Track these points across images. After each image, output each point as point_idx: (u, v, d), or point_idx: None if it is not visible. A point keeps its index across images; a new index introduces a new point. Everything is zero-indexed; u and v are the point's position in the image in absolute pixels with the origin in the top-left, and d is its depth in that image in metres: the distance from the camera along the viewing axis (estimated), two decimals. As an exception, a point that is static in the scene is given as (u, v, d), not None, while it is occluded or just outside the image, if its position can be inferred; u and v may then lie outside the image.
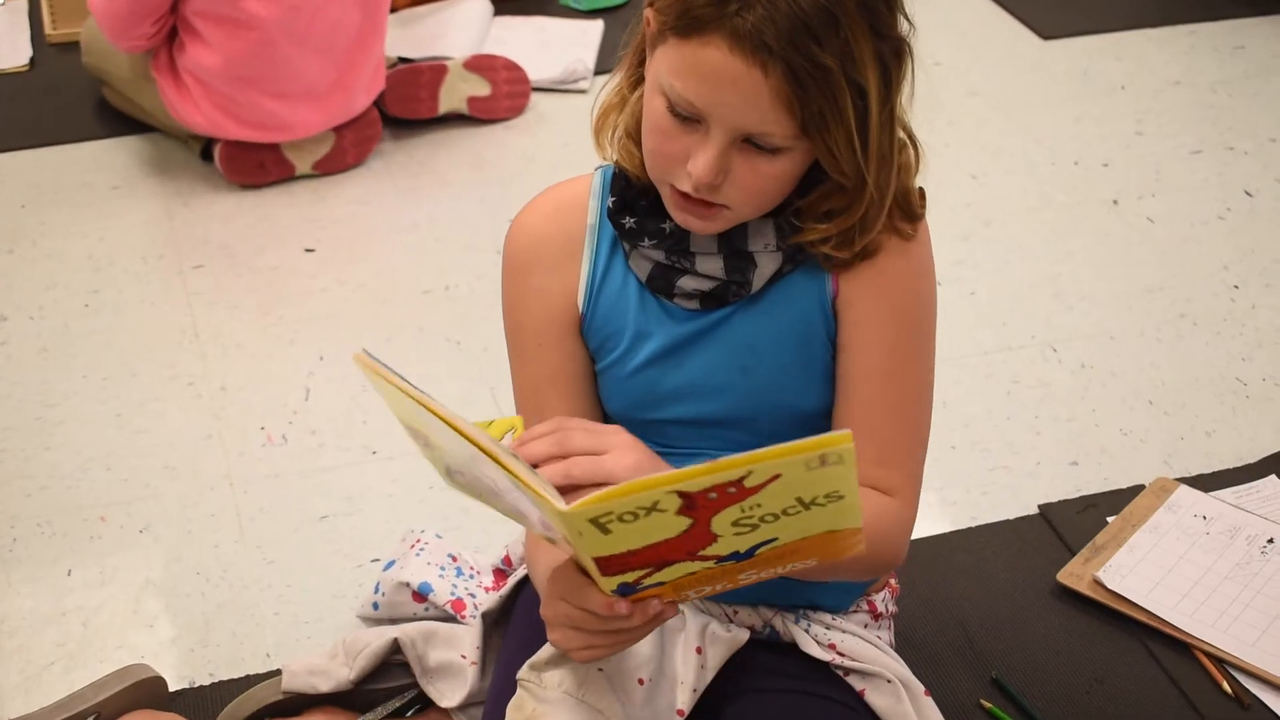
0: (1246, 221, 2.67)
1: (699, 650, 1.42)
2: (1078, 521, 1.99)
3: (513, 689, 1.38)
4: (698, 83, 1.21)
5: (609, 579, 1.17)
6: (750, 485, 1.06)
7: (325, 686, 1.66)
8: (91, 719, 1.64)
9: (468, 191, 2.74)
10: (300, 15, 2.59)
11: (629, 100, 1.35)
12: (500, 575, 1.78)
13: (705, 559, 1.14)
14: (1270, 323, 2.42)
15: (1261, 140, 2.91)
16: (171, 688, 1.74)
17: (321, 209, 2.69)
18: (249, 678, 1.77)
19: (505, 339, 1.44)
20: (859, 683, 1.48)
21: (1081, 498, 2.05)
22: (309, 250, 2.58)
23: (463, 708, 1.62)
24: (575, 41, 3.17)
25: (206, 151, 2.75)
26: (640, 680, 1.38)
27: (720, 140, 1.23)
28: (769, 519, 1.10)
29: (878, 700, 1.46)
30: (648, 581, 1.17)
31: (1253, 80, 3.12)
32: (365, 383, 1.69)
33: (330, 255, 2.57)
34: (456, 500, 1.41)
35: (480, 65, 2.90)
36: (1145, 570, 1.89)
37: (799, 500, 1.08)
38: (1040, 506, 2.03)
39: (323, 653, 1.69)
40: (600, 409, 1.44)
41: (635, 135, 1.33)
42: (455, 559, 1.81)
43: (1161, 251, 2.59)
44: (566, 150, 2.84)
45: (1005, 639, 1.83)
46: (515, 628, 1.56)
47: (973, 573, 1.93)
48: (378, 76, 2.78)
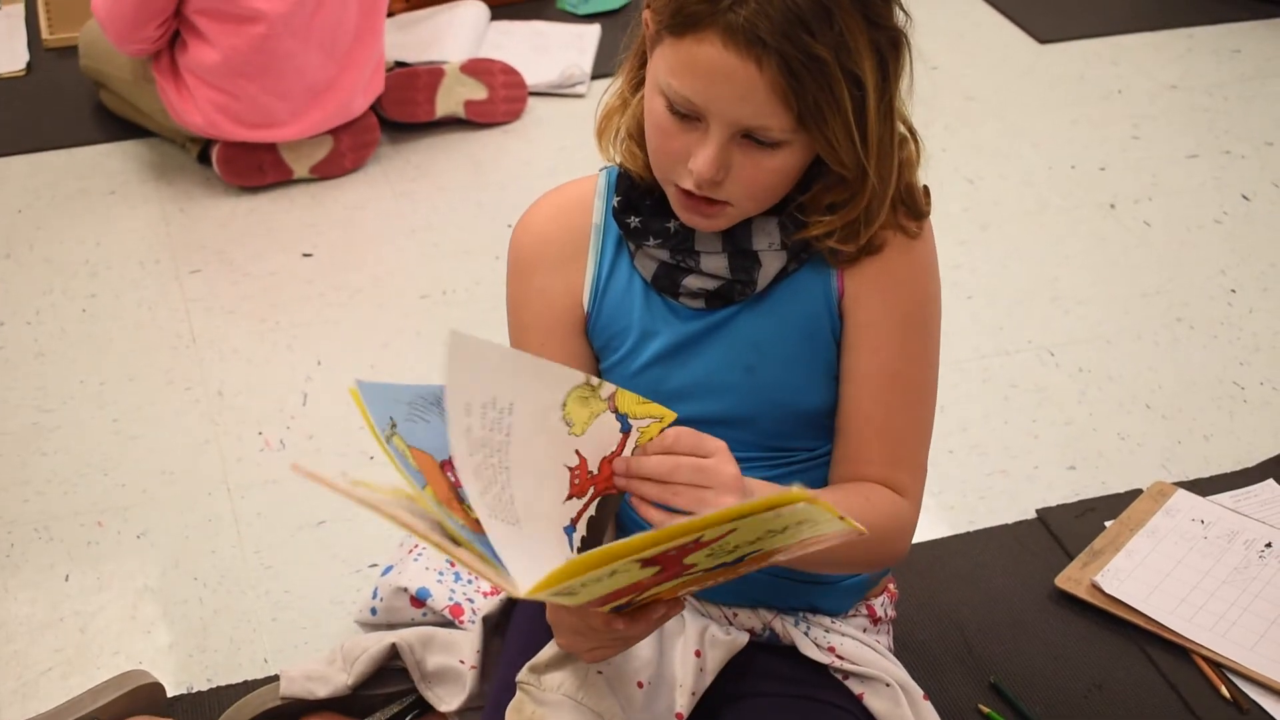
0: (1243, 225, 2.67)
1: (698, 653, 1.42)
2: (1075, 526, 1.99)
3: (513, 692, 1.38)
4: (694, 79, 1.22)
5: (602, 608, 1.16)
6: (708, 539, 1.05)
7: (323, 692, 1.66)
8: (89, 725, 1.64)
9: (465, 195, 2.74)
10: (303, 10, 2.60)
11: (631, 102, 1.35)
12: (499, 579, 1.78)
13: (691, 571, 1.13)
14: (1267, 326, 2.42)
15: (1258, 144, 2.91)
16: (169, 693, 1.74)
17: (319, 213, 2.69)
18: (247, 683, 1.77)
19: (509, 339, 1.43)
20: (858, 686, 1.48)
21: (1079, 502, 2.04)
22: (306, 255, 2.58)
23: (461, 712, 1.62)
24: (572, 45, 3.16)
25: (204, 154, 2.75)
26: (640, 683, 1.38)
27: (719, 136, 1.24)
28: (744, 546, 1.09)
29: (876, 704, 1.46)
30: (641, 599, 1.17)
31: (1250, 84, 3.12)
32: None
33: (328, 260, 2.57)
34: (455, 505, 1.41)
35: (477, 69, 2.90)
36: (1143, 575, 1.89)
37: (768, 532, 1.07)
38: (1038, 511, 2.03)
39: (321, 658, 1.69)
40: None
41: (638, 137, 1.33)
42: (453, 564, 1.81)
43: (1158, 255, 2.59)
44: (564, 154, 2.84)
45: (1003, 643, 1.83)
46: (515, 631, 1.55)
47: (971, 577, 1.93)
48: (376, 78, 2.78)
